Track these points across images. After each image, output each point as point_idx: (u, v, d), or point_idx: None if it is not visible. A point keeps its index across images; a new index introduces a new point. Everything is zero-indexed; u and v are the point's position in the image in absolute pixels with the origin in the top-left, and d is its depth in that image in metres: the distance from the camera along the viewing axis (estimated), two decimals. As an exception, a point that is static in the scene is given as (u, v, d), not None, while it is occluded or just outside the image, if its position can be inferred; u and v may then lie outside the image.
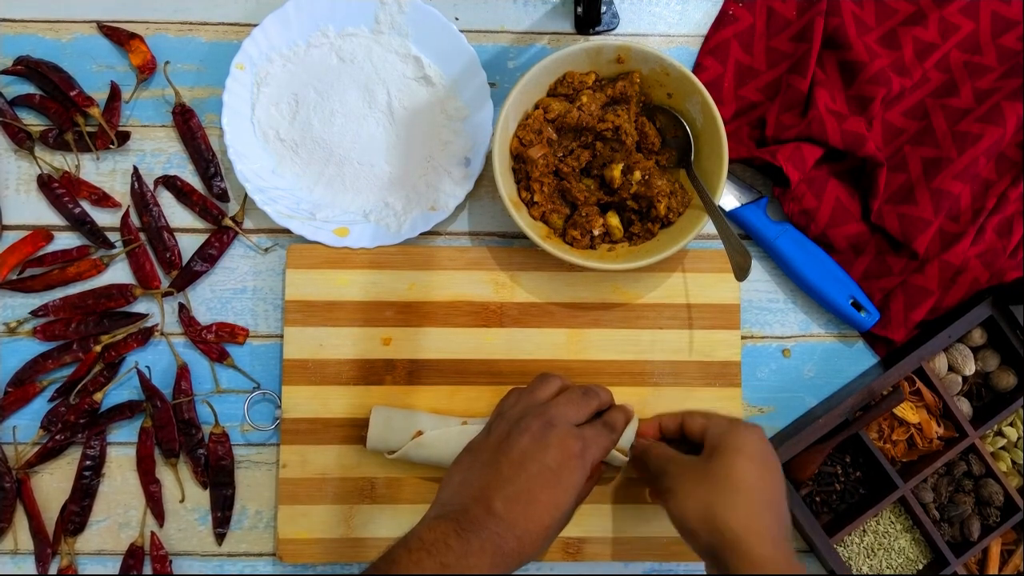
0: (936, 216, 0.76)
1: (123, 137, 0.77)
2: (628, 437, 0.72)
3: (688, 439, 0.68)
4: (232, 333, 0.76)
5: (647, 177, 0.74)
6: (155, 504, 0.75)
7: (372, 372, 0.75)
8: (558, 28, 0.81)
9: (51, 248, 0.77)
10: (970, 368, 0.78)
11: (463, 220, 0.79)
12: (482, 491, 0.59)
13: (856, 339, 0.80)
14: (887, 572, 0.76)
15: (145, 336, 0.75)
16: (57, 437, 0.74)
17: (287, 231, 0.75)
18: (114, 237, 0.77)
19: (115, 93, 0.77)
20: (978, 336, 0.79)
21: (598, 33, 0.81)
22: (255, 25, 0.75)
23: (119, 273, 0.77)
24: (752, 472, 0.61)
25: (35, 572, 0.74)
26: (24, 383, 0.75)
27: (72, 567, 0.74)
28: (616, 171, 0.74)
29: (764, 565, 0.57)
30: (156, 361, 0.76)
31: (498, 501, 0.58)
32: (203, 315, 0.77)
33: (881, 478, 0.76)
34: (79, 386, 0.74)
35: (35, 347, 0.76)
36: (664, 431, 0.70)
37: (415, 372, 0.75)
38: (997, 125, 0.76)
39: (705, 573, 0.63)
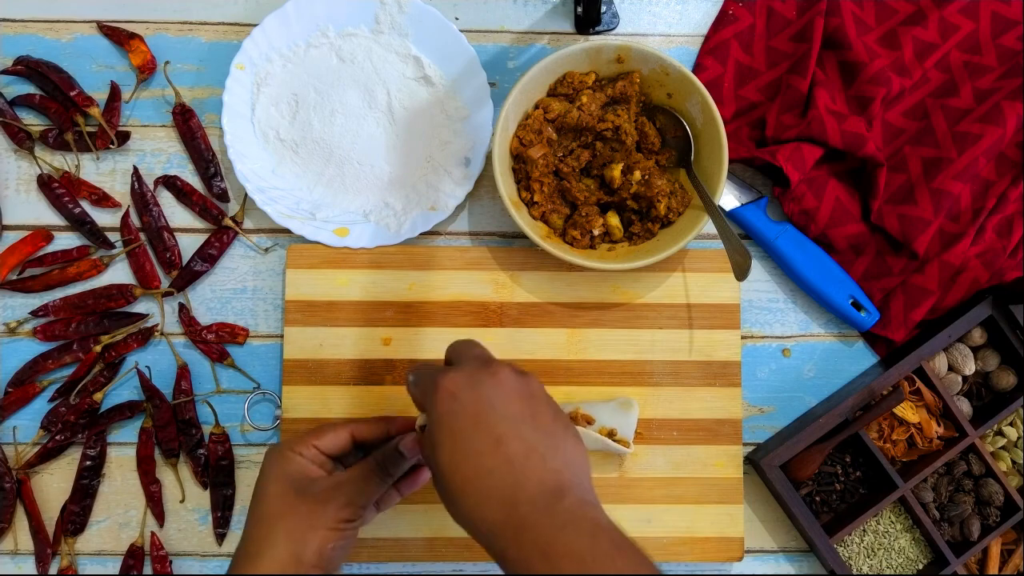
0: (936, 216, 0.76)
1: (123, 137, 0.77)
2: (630, 425, 0.73)
3: None
4: (232, 333, 0.76)
5: (647, 177, 0.74)
6: (155, 504, 0.75)
7: (372, 372, 0.75)
8: (558, 28, 0.81)
9: (51, 248, 0.77)
10: (970, 368, 0.78)
11: (463, 220, 0.79)
12: None
13: (856, 339, 0.80)
14: (887, 572, 0.76)
15: (145, 336, 0.75)
16: (57, 437, 0.74)
17: (287, 231, 0.75)
18: (114, 237, 0.77)
19: (115, 93, 0.77)
20: (978, 336, 0.79)
21: (598, 33, 0.81)
22: (255, 25, 0.75)
23: (119, 273, 0.77)
24: (452, 457, 0.52)
25: (35, 572, 0.74)
26: (24, 383, 0.75)
27: (72, 567, 0.74)
28: (616, 171, 0.74)
29: (504, 547, 0.50)
30: (156, 361, 0.76)
31: None
32: (203, 315, 0.77)
33: (881, 478, 0.76)
34: (79, 386, 0.74)
35: (35, 347, 0.76)
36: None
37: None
38: (997, 125, 0.76)
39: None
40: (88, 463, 0.74)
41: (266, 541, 0.57)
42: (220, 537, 0.75)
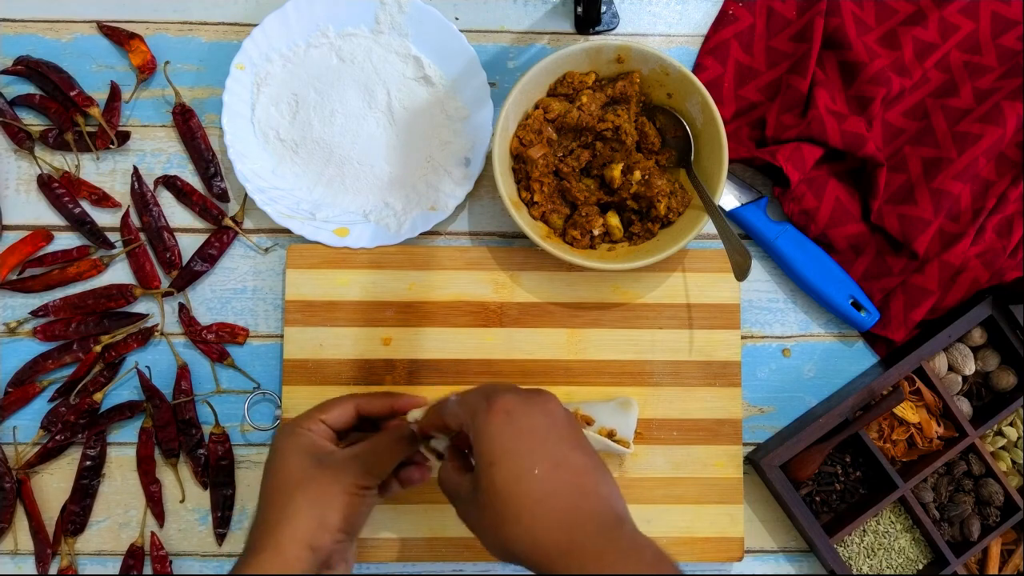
0: (936, 216, 0.76)
1: (123, 137, 0.77)
2: (629, 425, 0.73)
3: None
4: (232, 333, 0.76)
5: (647, 177, 0.74)
6: (155, 504, 0.75)
7: (372, 372, 0.75)
8: (558, 28, 0.81)
9: (51, 248, 0.77)
10: (970, 368, 0.78)
11: (463, 220, 0.79)
12: None
13: (856, 339, 0.80)
14: (887, 572, 0.76)
15: (145, 336, 0.75)
16: (57, 437, 0.74)
17: (287, 231, 0.75)
18: (114, 237, 0.77)
19: (115, 93, 0.77)
20: (978, 336, 0.79)
21: (598, 33, 0.81)
22: (255, 25, 0.75)
23: (119, 273, 0.77)
24: (510, 475, 0.51)
25: (35, 572, 0.74)
26: (24, 383, 0.75)
27: (72, 567, 0.74)
28: (616, 171, 0.74)
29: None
30: (156, 361, 0.76)
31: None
32: (203, 315, 0.77)
33: (881, 478, 0.76)
34: (79, 386, 0.74)
35: (35, 347, 0.76)
36: (432, 431, 0.61)
37: (415, 372, 0.75)
38: (997, 125, 0.76)
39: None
40: (88, 463, 0.74)
41: (288, 509, 0.58)
42: (220, 537, 0.75)
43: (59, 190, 0.76)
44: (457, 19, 0.80)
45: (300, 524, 0.57)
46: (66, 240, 0.77)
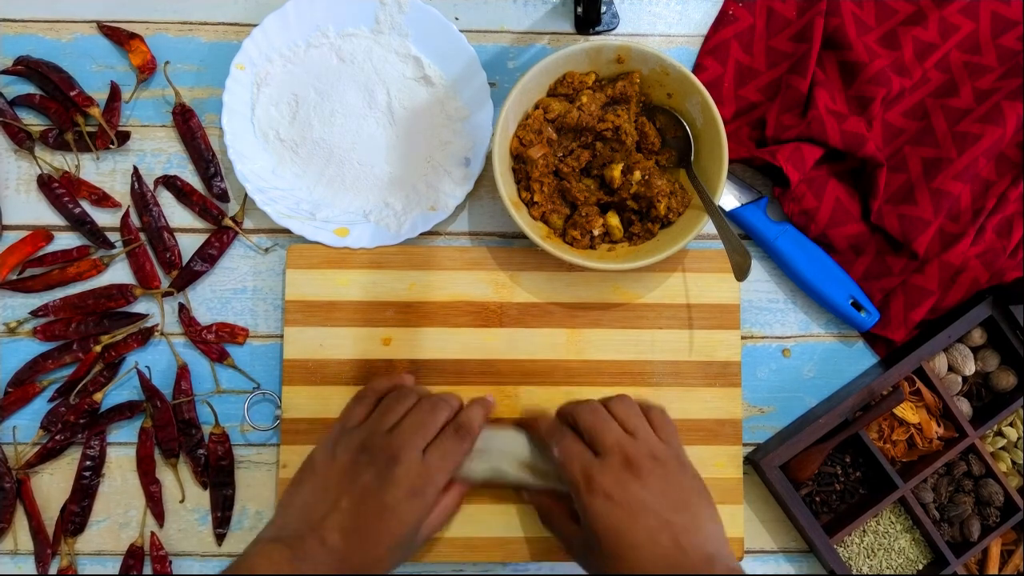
0: (936, 216, 0.76)
1: (123, 137, 0.77)
2: None
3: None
4: (232, 333, 0.76)
5: (647, 177, 0.74)
6: (155, 504, 0.75)
7: (372, 372, 0.75)
8: (558, 28, 0.81)
9: (51, 248, 0.77)
10: (970, 368, 0.78)
11: (463, 220, 0.79)
12: (320, 521, 0.59)
13: (856, 339, 0.80)
14: (887, 572, 0.76)
15: (145, 336, 0.75)
16: (57, 437, 0.74)
17: (287, 231, 0.75)
18: (114, 237, 0.77)
19: (115, 93, 0.77)
20: (978, 336, 0.79)
21: (598, 33, 0.81)
22: (255, 25, 0.76)
23: (119, 273, 0.77)
24: (613, 552, 0.59)
25: (35, 572, 0.74)
26: (24, 383, 0.75)
27: (72, 567, 0.74)
28: (616, 171, 0.74)
29: None
30: (156, 361, 0.76)
31: (334, 533, 0.59)
32: (203, 315, 0.77)
33: (881, 478, 0.76)
34: (79, 386, 0.74)
35: (35, 347, 0.76)
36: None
37: (415, 372, 0.75)
38: (997, 125, 0.76)
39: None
40: (88, 463, 0.74)
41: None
42: (220, 537, 0.75)
43: (59, 190, 0.76)
44: (457, 19, 0.80)
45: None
46: (66, 240, 0.77)
